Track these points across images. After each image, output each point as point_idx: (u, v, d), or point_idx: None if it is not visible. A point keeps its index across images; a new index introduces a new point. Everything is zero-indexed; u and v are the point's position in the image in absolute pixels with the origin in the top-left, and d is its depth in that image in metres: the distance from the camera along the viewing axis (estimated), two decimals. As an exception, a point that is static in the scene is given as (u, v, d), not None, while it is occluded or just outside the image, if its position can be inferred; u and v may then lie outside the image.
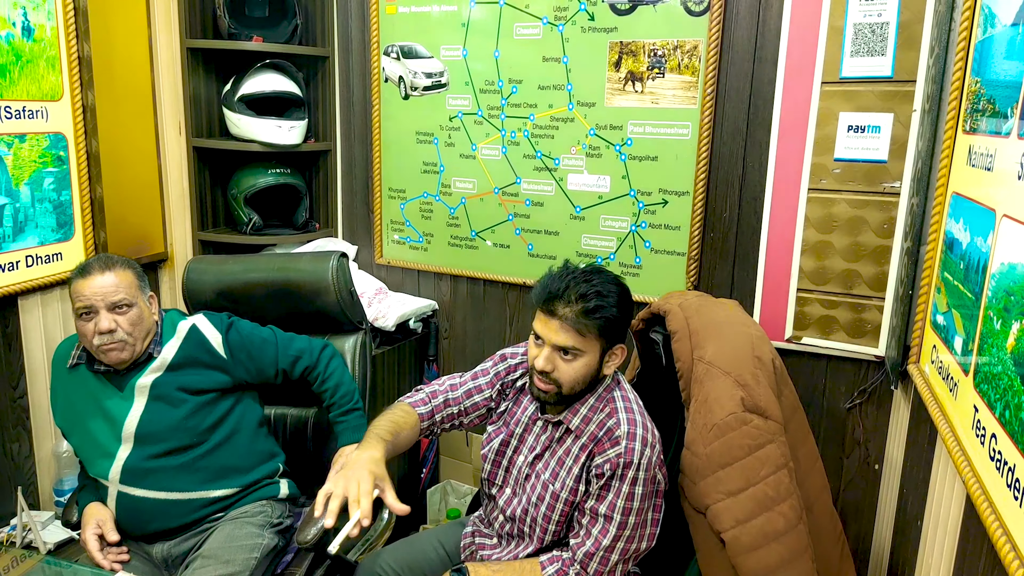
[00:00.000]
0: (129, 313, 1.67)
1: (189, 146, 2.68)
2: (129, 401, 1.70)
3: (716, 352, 1.73)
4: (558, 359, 1.48)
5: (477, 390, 1.68)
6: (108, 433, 1.70)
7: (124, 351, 1.67)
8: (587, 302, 1.44)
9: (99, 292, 1.64)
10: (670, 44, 2.17)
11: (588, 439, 1.52)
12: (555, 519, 1.55)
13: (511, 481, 1.64)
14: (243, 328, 1.84)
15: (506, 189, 2.51)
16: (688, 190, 2.23)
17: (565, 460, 1.55)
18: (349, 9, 2.69)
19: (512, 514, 1.62)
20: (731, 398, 1.64)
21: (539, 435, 1.61)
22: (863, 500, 2.16)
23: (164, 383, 1.71)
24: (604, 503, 1.48)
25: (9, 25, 2.06)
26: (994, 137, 1.33)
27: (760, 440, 1.62)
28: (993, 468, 1.17)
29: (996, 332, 1.20)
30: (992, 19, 1.44)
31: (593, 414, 1.54)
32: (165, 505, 1.68)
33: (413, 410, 1.65)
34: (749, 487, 1.58)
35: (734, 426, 1.61)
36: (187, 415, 1.70)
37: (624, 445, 1.47)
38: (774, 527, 1.56)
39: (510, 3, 2.38)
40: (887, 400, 2.07)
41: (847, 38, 1.94)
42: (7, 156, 2.10)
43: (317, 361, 1.85)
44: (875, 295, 2.00)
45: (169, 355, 1.74)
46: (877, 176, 1.95)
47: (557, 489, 1.54)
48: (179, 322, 1.80)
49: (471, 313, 2.69)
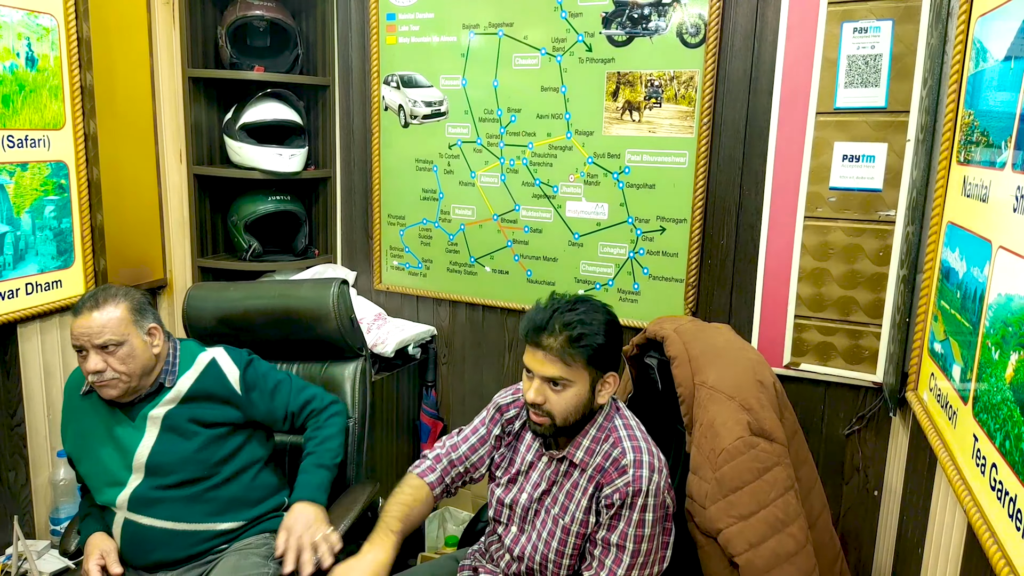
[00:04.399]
0: (119, 352, 1.64)
1: (190, 174, 2.70)
2: (140, 431, 1.69)
3: (718, 377, 1.75)
4: (548, 391, 1.48)
5: (480, 442, 1.69)
6: (119, 462, 1.69)
7: (116, 388, 1.65)
8: (571, 330, 1.45)
9: (86, 333, 1.63)
10: (667, 75, 2.21)
11: (594, 471, 1.52)
12: (568, 553, 1.55)
13: (516, 519, 1.63)
14: (260, 367, 1.83)
15: (505, 216, 2.53)
16: (686, 218, 2.25)
17: (573, 493, 1.55)
18: (350, 39, 2.72)
19: (521, 553, 1.61)
20: (737, 422, 1.66)
21: (544, 471, 1.60)
22: (863, 526, 2.16)
23: (176, 415, 1.70)
24: (616, 533, 1.48)
25: (13, 55, 2.09)
26: (988, 169, 1.36)
27: (768, 463, 1.64)
28: (994, 498, 1.17)
29: (995, 362, 1.21)
30: (984, 53, 1.47)
31: (596, 445, 1.54)
32: (171, 535, 1.67)
33: (423, 482, 1.65)
34: (760, 510, 1.60)
35: (742, 450, 1.63)
36: (199, 448, 1.69)
37: (632, 473, 1.48)
38: (785, 549, 1.59)
39: (509, 34, 2.42)
40: (885, 426, 2.08)
41: (841, 69, 1.97)
42: (9, 184, 2.11)
43: (323, 409, 1.83)
44: (872, 322, 2.02)
45: (185, 387, 1.72)
46: (872, 205, 1.98)
47: (568, 523, 1.54)
48: (198, 354, 1.78)
49: (470, 339, 2.70)
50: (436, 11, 2.53)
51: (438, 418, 2.77)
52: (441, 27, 2.53)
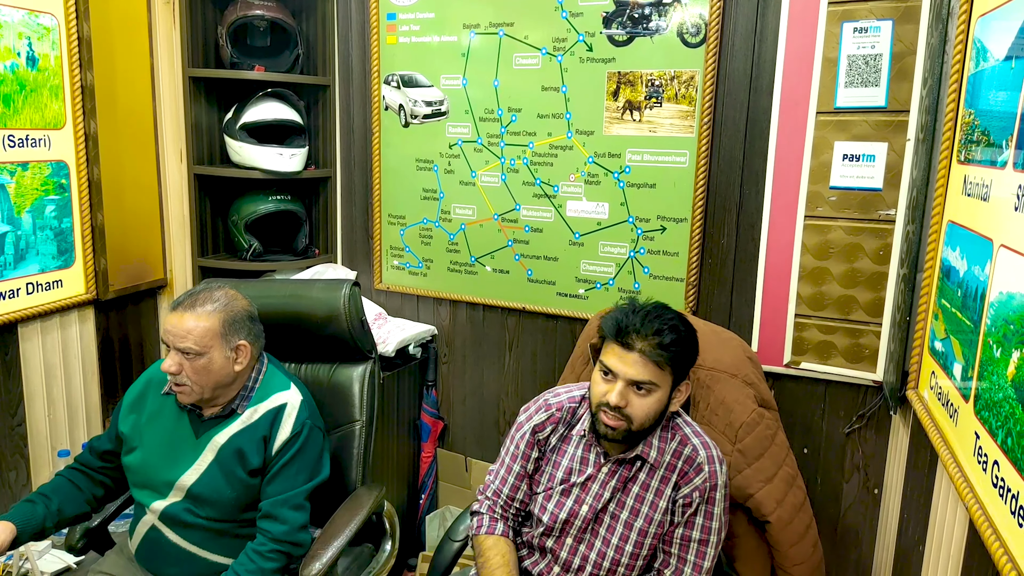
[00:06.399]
0: (196, 362, 1.58)
1: (190, 173, 2.70)
2: (197, 454, 1.65)
3: (715, 358, 1.90)
4: (632, 394, 1.47)
5: (523, 473, 1.66)
6: (166, 475, 1.65)
7: (188, 396, 1.62)
8: (663, 336, 1.45)
9: (171, 332, 1.59)
10: (667, 74, 2.21)
11: (667, 470, 1.55)
12: (643, 555, 1.56)
13: (572, 530, 1.60)
14: (306, 445, 1.69)
15: (505, 215, 2.54)
16: (686, 217, 2.26)
17: (645, 495, 1.55)
18: (350, 39, 2.73)
19: (582, 564, 1.59)
20: (748, 396, 1.85)
21: (606, 481, 1.58)
22: (863, 525, 2.17)
23: (230, 445, 1.64)
24: (696, 528, 1.53)
25: (14, 55, 2.09)
26: (989, 168, 1.37)
27: (774, 428, 1.89)
28: (996, 495, 1.18)
29: (996, 360, 1.22)
30: (984, 53, 1.48)
31: (665, 444, 1.56)
32: (191, 558, 1.65)
33: (503, 541, 1.63)
34: (778, 470, 1.83)
35: (758, 421, 1.84)
36: (236, 497, 1.64)
37: (708, 469, 1.53)
38: (798, 499, 1.87)
39: (509, 34, 2.42)
40: (886, 425, 2.09)
41: (841, 69, 1.98)
42: (10, 184, 2.11)
43: (279, 539, 1.61)
44: (872, 320, 2.03)
45: (250, 419, 1.67)
46: (872, 204, 1.99)
47: (643, 525, 1.55)
48: (275, 392, 1.71)
49: (470, 338, 2.70)
50: (436, 11, 2.54)
51: (439, 418, 2.77)
52: (441, 27, 2.54)
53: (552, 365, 2.55)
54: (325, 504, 1.77)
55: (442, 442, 2.81)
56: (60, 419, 2.35)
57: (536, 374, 2.58)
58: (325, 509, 1.77)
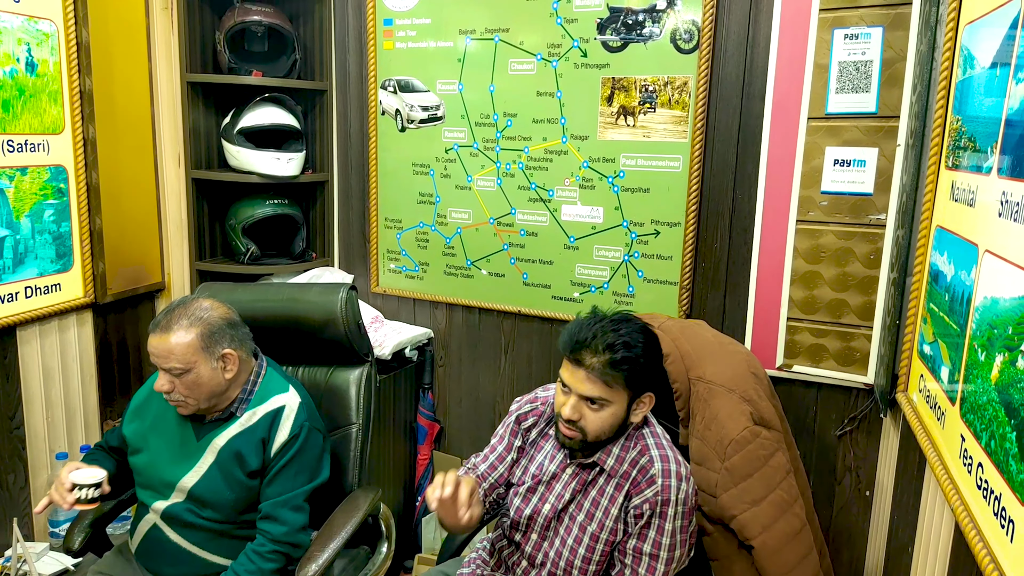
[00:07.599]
0: (185, 378, 1.60)
1: (188, 178, 2.72)
2: (198, 456, 1.68)
3: (715, 372, 1.84)
4: (585, 408, 1.47)
5: (500, 458, 1.68)
6: (168, 476, 1.68)
7: (186, 408, 1.65)
8: (614, 353, 1.43)
9: (155, 354, 1.61)
10: (661, 80, 2.23)
11: (622, 479, 1.54)
12: (595, 560, 1.55)
13: (536, 527, 1.62)
14: (305, 447, 1.70)
15: (501, 220, 2.56)
16: (680, 221, 2.28)
17: (600, 500, 1.56)
18: (347, 44, 2.74)
19: (544, 560, 1.61)
20: (742, 413, 1.75)
21: (568, 482, 1.59)
22: (855, 526, 2.19)
23: (230, 446, 1.67)
24: (647, 542, 1.50)
25: (13, 60, 2.10)
26: (975, 174, 1.39)
27: (770, 450, 1.77)
28: (980, 496, 1.20)
29: (980, 363, 1.24)
30: (971, 61, 1.50)
31: (625, 453, 1.55)
32: (191, 557, 1.68)
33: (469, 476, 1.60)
34: (768, 494, 1.72)
35: (749, 439, 1.74)
36: (236, 499, 1.67)
37: (660, 483, 1.50)
38: (792, 527, 1.74)
39: (505, 40, 2.44)
40: (877, 427, 2.11)
41: (832, 75, 2.00)
42: (8, 189, 2.13)
43: (279, 540, 1.64)
44: (863, 324, 2.05)
45: (248, 422, 1.70)
46: (863, 209, 2.01)
47: (595, 530, 1.55)
48: (274, 395, 1.73)
49: (466, 341, 2.72)
50: (433, 17, 2.56)
51: (435, 420, 2.79)
52: (438, 32, 2.56)
53: (547, 368, 2.57)
54: (322, 506, 1.79)
55: (438, 445, 2.82)
56: (58, 422, 2.37)
57: (531, 377, 2.60)
58: (322, 511, 1.78)
